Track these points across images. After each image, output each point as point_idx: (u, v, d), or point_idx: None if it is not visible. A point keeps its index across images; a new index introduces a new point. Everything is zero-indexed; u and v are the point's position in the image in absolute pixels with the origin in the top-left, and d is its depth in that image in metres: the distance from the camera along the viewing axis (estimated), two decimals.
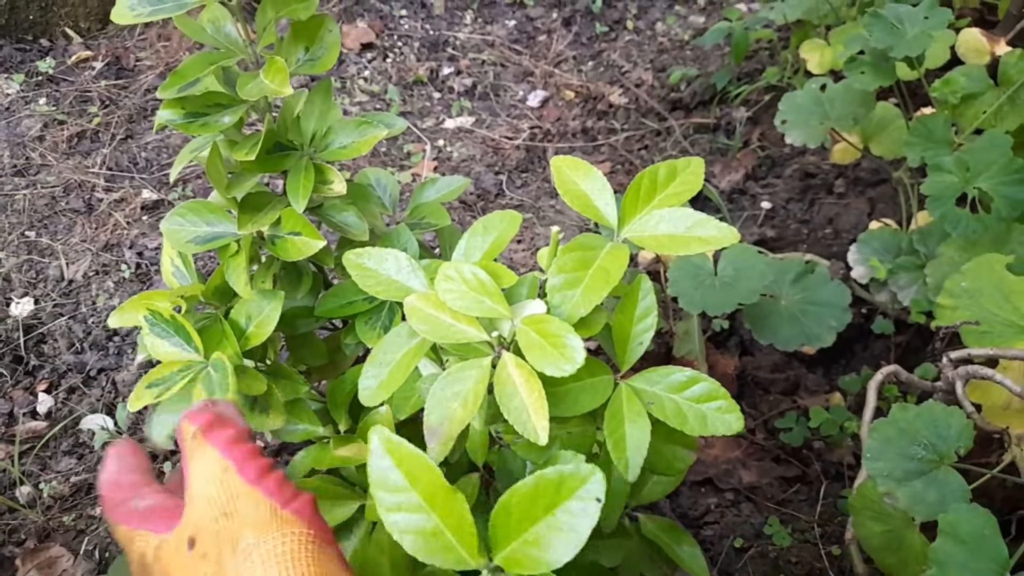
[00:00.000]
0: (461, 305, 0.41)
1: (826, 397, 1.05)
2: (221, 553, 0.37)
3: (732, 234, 0.42)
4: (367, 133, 0.52)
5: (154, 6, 0.45)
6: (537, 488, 0.35)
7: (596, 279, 0.42)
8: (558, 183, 0.46)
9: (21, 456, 1.01)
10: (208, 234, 0.53)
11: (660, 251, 0.42)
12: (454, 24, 1.78)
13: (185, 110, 0.48)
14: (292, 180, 0.51)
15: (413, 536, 0.35)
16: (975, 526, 0.57)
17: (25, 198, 1.34)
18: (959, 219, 0.93)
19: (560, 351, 0.39)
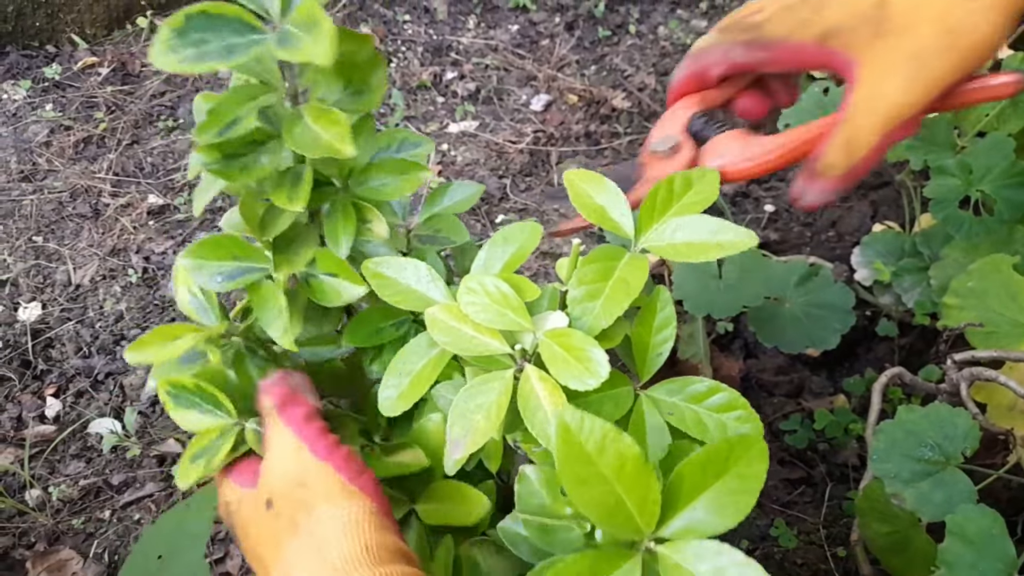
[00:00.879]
0: (484, 318, 0.41)
1: (830, 399, 1.06)
2: (295, 515, 0.42)
3: (750, 238, 0.42)
4: (409, 173, 0.49)
5: (198, 49, 0.39)
6: (708, 457, 0.36)
7: (617, 290, 0.42)
8: (573, 197, 0.47)
9: (30, 460, 1.02)
10: (235, 270, 0.50)
11: (679, 259, 0.42)
12: (457, 29, 1.79)
13: (221, 153, 0.44)
14: (331, 223, 0.48)
15: (596, 507, 0.36)
16: (983, 526, 0.57)
17: (32, 203, 1.35)
18: (962, 222, 0.94)
19: (584, 365, 0.39)
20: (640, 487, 0.36)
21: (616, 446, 0.36)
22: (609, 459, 0.36)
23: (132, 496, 0.99)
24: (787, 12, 0.49)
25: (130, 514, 0.98)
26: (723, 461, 0.36)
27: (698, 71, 0.53)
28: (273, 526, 0.43)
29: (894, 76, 0.44)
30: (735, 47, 0.51)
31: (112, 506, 0.98)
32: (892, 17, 0.45)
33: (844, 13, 0.47)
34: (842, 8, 0.47)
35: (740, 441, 0.36)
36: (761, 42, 0.50)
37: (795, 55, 0.49)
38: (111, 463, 1.03)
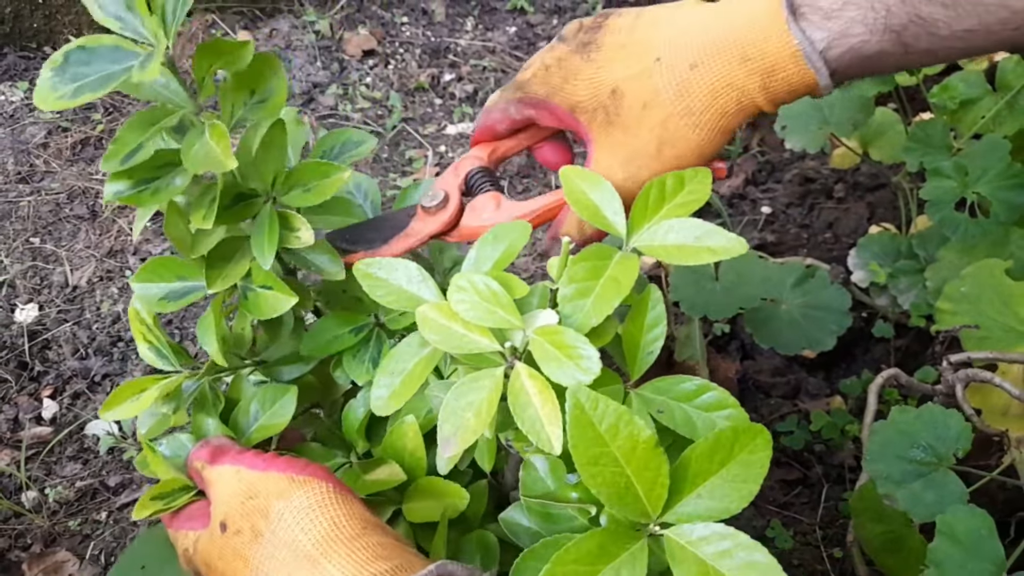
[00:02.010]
0: (473, 315, 0.41)
1: (827, 401, 1.06)
2: (255, 524, 0.42)
3: (740, 244, 0.42)
4: (331, 175, 0.49)
5: (76, 83, 0.39)
6: (715, 443, 0.37)
7: (607, 289, 0.42)
8: (567, 193, 0.47)
9: (27, 461, 1.02)
10: (181, 289, 0.51)
11: (669, 261, 0.43)
12: (455, 31, 1.79)
13: (133, 179, 0.44)
14: (257, 235, 0.48)
15: (606, 488, 0.36)
16: (972, 527, 0.57)
17: (29, 205, 1.35)
18: (958, 223, 0.94)
19: (575, 362, 0.39)
20: (650, 470, 0.36)
21: (629, 428, 0.37)
22: (621, 441, 0.36)
23: (129, 498, 0.99)
24: (544, 73, 0.53)
25: (127, 516, 0.98)
26: (728, 449, 0.37)
27: (487, 126, 0.58)
28: (235, 544, 0.42)
29: (616, 172, 0.51)
30: (511, 104, 0.55)
31: (109, 508, 0.98)
32: (622, 113, 0.50)
33: (586, 93, 0.51)
34: (586, 87, 0.51)
35: (746, 430, 0.37)
36: (528, 100, 0.54)
37: (555, 116, 0.54)
38: (108, 465, 1.03)
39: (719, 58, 0.47)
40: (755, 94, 0.48)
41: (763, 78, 0.47)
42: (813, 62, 0.46)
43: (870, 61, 0.47)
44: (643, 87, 0.49)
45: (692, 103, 0.48)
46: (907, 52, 0.46)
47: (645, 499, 0.36)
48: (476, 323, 0.41)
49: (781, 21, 0.45)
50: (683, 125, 0.49)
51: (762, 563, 0.34)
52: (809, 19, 0.46)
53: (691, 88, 0.48)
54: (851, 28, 0.45)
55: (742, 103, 0.48)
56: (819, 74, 0.46)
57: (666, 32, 0.50)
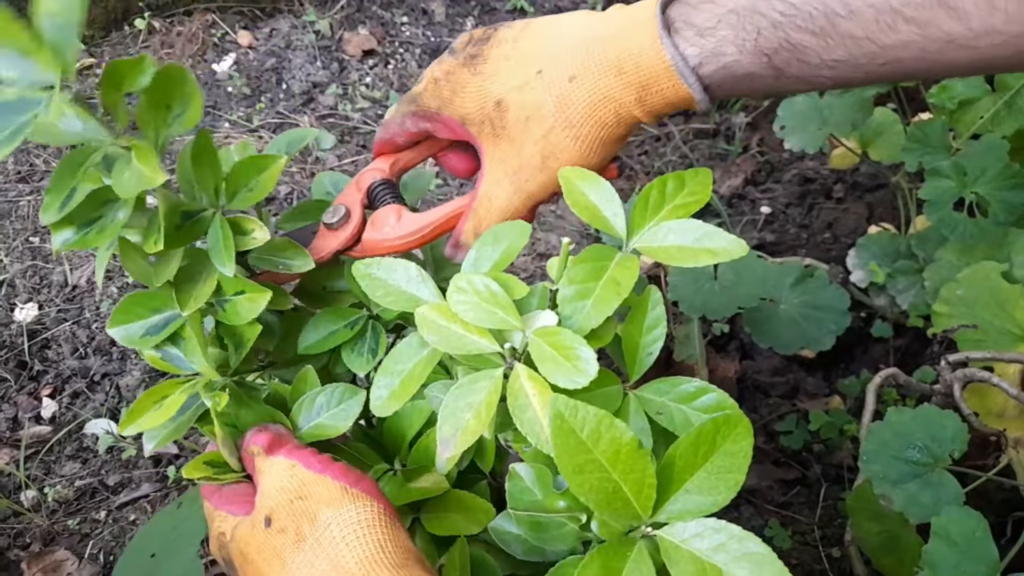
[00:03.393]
0: (473, 316, 0.41)
1: (826, 400, 1.06)
2: (299, 526, 0.40)
3: (740, 246, 0.42)
4: (268, 167, 0.48)
5: None
6: (698, 438, 0.37)
7: (607, 290, 0.42)
8: (567, 194, 0.47)
9: (26, 460, 1.02)
10: (160, 321, 0.50)
11: (669, 262, 0.43)
12: (455, 31, 1.79)
13: (75, 223, 0.43)
14: (212, 246, 0.47)
15: (594, 494, 0.36)
16: (967, 528, 0.58)
17: (29, 204, 1.35)
18: (956, 223, 0.94)
19: (573, 363, 0.39)
20: (636, 472, 0.36)
21: (610, 433, 0.37)
22: (604, 446, 0.36)
23: (128, 497, 0.99)
24: (434, 87, 0.54)
25: (126, 515, 0.98)
26: (711, 441, 0.37)
27: (386, 139, 0.59)
28: (276, 543, 0.41)
29: (504, 185, 0.52)
30: (406, 117, 0.56)
31: (108, 507, 0.98)
32: (507, 126, 0.51)
33: (473, 105, 0.52)
34: (473, 99, 0.52)
35: (725, 420, 0.37)
36: (421, 113, 0.55)
37: (448, 128, 0.54)
38: (107, 464, 1.03)
39: (596, 71, 0.48)
40: (632, 107, 0.49)
41: (639, 91, 0.48)
42: (686, 78, 0.46)
43: (742, 81, 0.47)
44: (525, 100, 0.50)
45: (571, 116, 0.49)
46: (779, 76, 0.47)
47: (634, 502, 0.36)
48: (475, 324, 0.41)
49: (655, 36, 0.46)
50: (564, 137, 0.50)
51: (757, 552, 0.34)
52: (683, 35, 0.47)
53: (570, 101, 0.49)
54: (723, 47, 0.46)
55: (620, 115, 0.49)
56: (693, 89, 0.47)
57: (548, 44, 0.50)
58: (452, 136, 0.55)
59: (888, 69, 0.44)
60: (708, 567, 0.34)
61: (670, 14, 0.48)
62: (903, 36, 0.42)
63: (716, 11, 0.46)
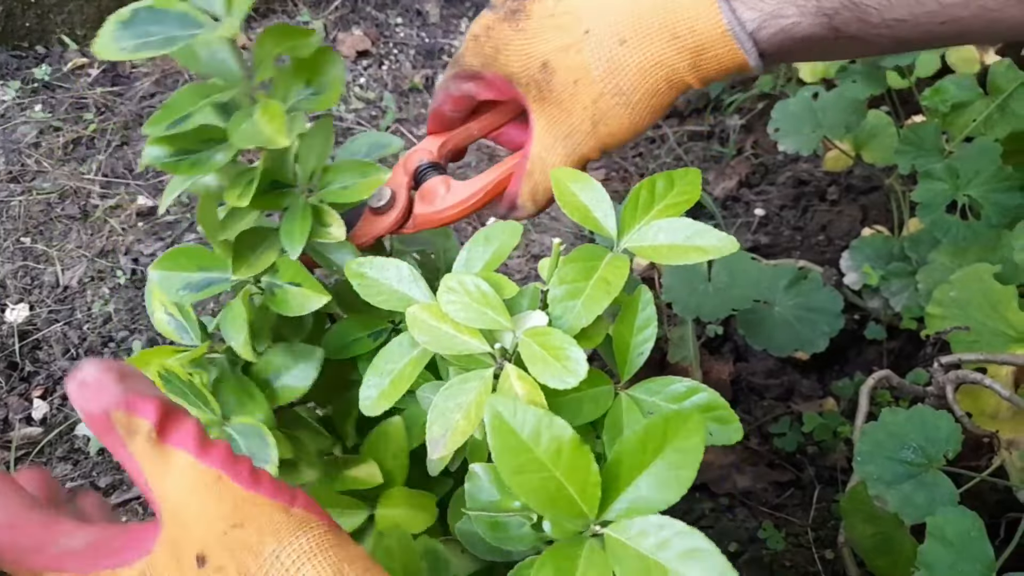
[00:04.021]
0: (464, 316, 0.41)
1: (820, 402, 1.06)
2: (242, 563, 0.34)
3: (731, 243, 0.42)
4: (369, 175, 0.49)
5: (140, 39, 0.39)
6: (646, 435, 0.36)
7: (597, 290, 0.42)
8: (557, 194, 0.47)
9: (16, 462, 1.01)
10: (201, 280, 0.49)
11: (660, 261, 0.43)
12: (449, 32, 1.79)
13: (174, 147, 0.43)
14: (287, 224, 0.47)
15: (536, 494, 0.36)
16: (962, 528, 0.58)
17: (21, 204, 1.34)
18: (949, 226, 0.94)
19: (563, 364, 0.39)
20: (579, 470, 0.36)
21: (550, 431, 0.36)
22: (544, 444, 0.36)
23: (119, 499, 0.98)
24: (475, 44, 0.52)
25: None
26: (660, 438, 0.36)
27: (435, 110, 0.56)
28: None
29: (556, 149, 0.51)
30: (449, 81, 0.54)
31: None
32: (554, 89, 0.49)
33: (518, 65, 0.50)
34: (517, 58, 0.50)
35: (675, 416, 0.36)
36: (464, 73, 0.53)
37: (492, 87, 0.52)
38: (98, 465, 1.02)
39: (648, 35, 0.47)
40: (684, 72, 0.47)
41: (693, 57, 0.46)
42: (743, 43, 0.45)
43: (800, 44, 0.46)
44: (573, 62, 0.48)
45: (621, 82, 0.48)
46: (837, 37, 0.46)
47: (579, 500, 0.36)
48: (466, 324, 0.41)
49: (713, 7, 0.45)
50: (615, 104, 0.48)
51: (702, 548, 0.33)
52: (738, 3, 0.46)
53: (621, 66, 0.47)
54: (783, 9, 0.45)
55: (672, 81, 0.48)
56: (749, 55, 0.46)
57: (595, 2, 0.48)
58: (497, 96, 0.53)
59: (947, 28, 0.43)
60: (652, 565, 0.33)
61: None
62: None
63: None
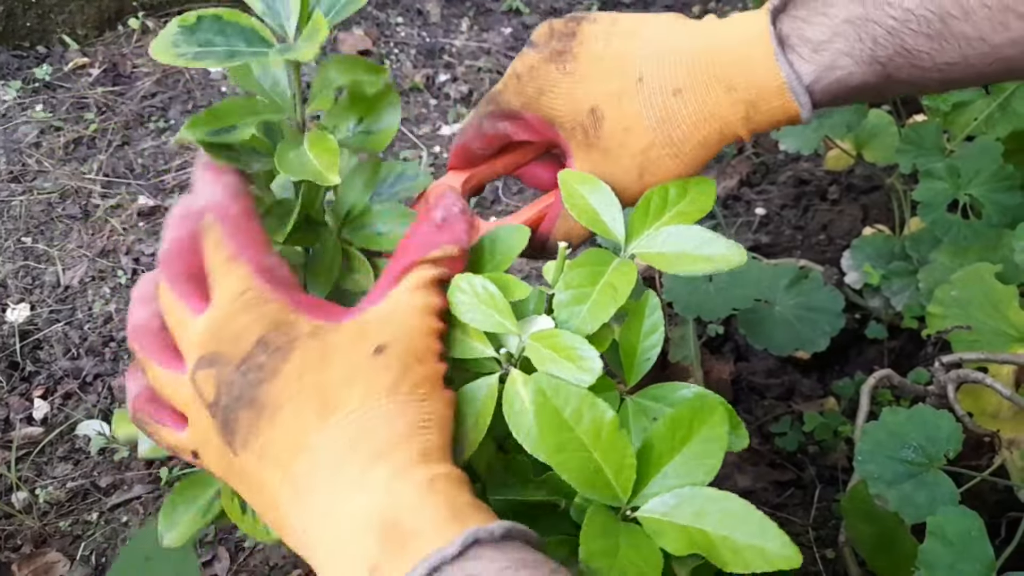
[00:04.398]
0: (472, 317, 0.41)
1: (820, 402, 1.06)
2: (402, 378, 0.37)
3: (739, 254, 0.42)
4: (407, 223, 0.46)
5: (202, 48, 0.38)
6: (674, 423, 0.38)
7: (604, 296, 0.42)
8: (565, 197, 0.46)
9: (17, 462, 1.01)
10: None
11: (667, 269, 0.42)
12: (450, 31, 1.79)
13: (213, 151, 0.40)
14: (315, 264, 0.45)
15: (576, 473, 0.37)
16: (962, 527, 0.58)
17: (21, 204, 1.34)
18: (950, 225, 0.94)
19: (576, 363, 0.39)
20: (616, 453, 0.37)
21: (592, 412, 0.37)
22: (586, 425, 0.37)
23: (120, 498, 0.99)
24: (517, 83, 0.50)
25: (118, 516, 0.97)
26: (687, 427, 0.38)
27: (462, 145, 0.55)
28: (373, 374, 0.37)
29: None
30: (483, 118, 0.53)
31: (99, 508, 0.98)
32: (602, 135, 0.48)
33: (564, 108, 0.49)
34: (563, 102, 0.49)
35: (702, 406, 0.38)
36: (501, 112, 0.51)
37: (531, 129, 0.51)
38: (99, 465, 1.02)
39: (704, 86, 0.46)
40: (737, 125, 0.47)
41: (747, 109, 0.46)
42: (798, 96, 0.45)
43: (852, 91, 0.47)
44: (624, 109, 0.47)
45: (674, 133, 0.47)
46: (889, 82, 0.46)
47: (615, 483, 0.37)
48: (473, 325, 0.41)
49: (770, 53, 0.45)
50: (664, 155, 0.48)
51: (736, 510, 0.35)
52: (798, 52, 0.45)
53: (674, 117, 0.47)
54: (838, 60, 0.45)
55: (724, 132, 0.48)
56: (803, 107, 0.46)
57: (646, 48, 0.48)
58: (535, 137, 0.52)
59: (996, 67, 0.44)
60: (695, 533, 0.35)
61: (782, 28, 0.46)
62: (1014, 34, 0.42)
63: (830, 23, 0.45)
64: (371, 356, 0.37)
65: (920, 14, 0.43)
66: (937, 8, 0.43)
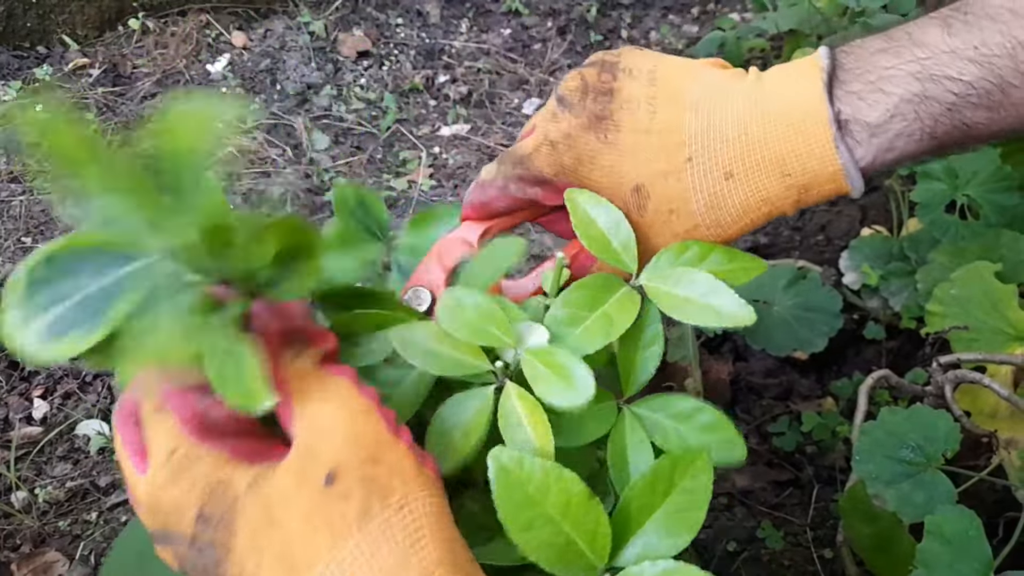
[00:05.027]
0: (464, 334, 0.40)
1: (818, 402, 1.06)
2: (368, 499, 0.31)
3: (749, 315, 0.41)
4: None
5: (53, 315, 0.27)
6: (654, 476, 0.36)
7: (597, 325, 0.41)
8: (574, 220, 0.45)
9: (17, 461, 1.01)
10: None
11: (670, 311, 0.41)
12: (450, 33, 1.79)
13: None
14: None
15: (545, 550, 0.34)
16: (960, 527, 0.58)
17: (21, 204, 1.35)
18: (948, 226, 0.94)
19: (567, 383, 0.38)
20: (588, 523, 0.34)
21: (559, 484, 0.35)
22: (554, 499, 0.34)
23: (119, 498, 0.99)
24: (551, 150, 0.47)
25: (117, 516, 0.97)
26: (668, 479, 0.36)
27: (482, 203, 0.51)
28: (333, 511, 0.31)
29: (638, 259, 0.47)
30: (511, 181, 0.49)
31: (99, 508, 0.98)
32: (646, 215, 0.46)
33: (606, 183, 0.46)
34: (605, 176, 0.46)
35: (683, 456, 0.36)
36: (532, 178, 0.48)
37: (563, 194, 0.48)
38: (98, 465, 1.02)
39: (756, 171, 0.44)
40: (786, 207, 0.46)
41: (799, 193, 0.45)
42: (853, 179, 0.44)
43: (901, 163, 0.46)
44: (671, 191, 0.45)
45: (722, 217, 0.46)
46: (940, 151, 0.45)
47: (589, 552, 0.34)
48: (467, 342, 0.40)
49: (828, 138, 0.43)
50: (709, 235, 0.46)
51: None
52: (855, 136, 0.44)
53: (723, 201, 0.45)
54: (895, 142, 0.44)
55: (771, 214, 0.46)
56: (855, 188, 0.45)
57: (695, 123, 0.45)
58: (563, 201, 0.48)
59: None
60: None
61: (839, 108, 0.44)
62: None
63: (887, 102, 0.43)
64: (324, 490, 0.31)
65: (980, 87, 0.42)
66: (997, 79, 0.41)
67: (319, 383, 0.34)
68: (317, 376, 0.34)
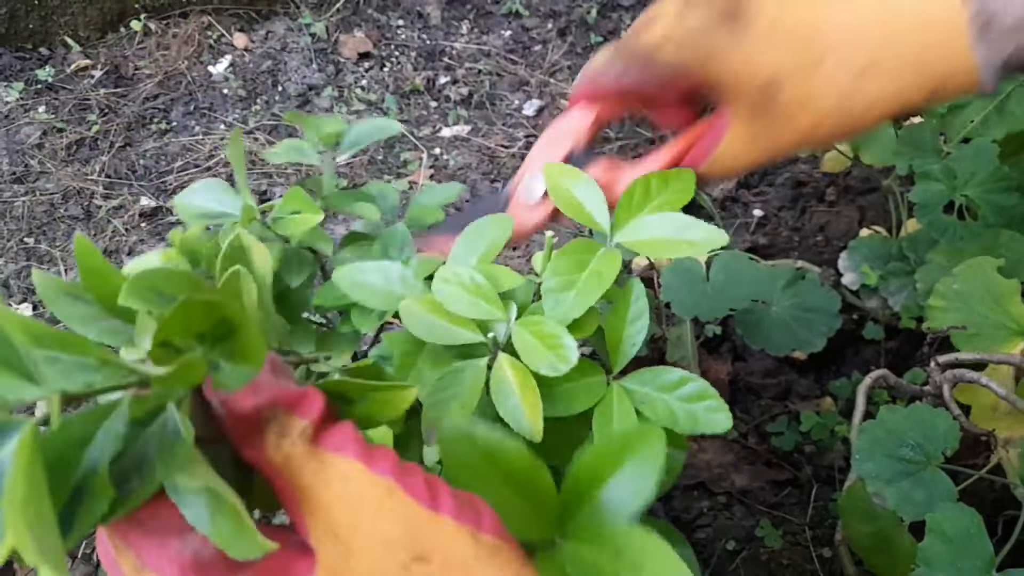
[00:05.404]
0: (457, 307, 0.42)
1: (817, 402, 1.06)
2: None
3: (720, 236, 0.43)
4: None
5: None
6: (604, 449, 0.35)
7: (590, 282, 0.43)
8: (551, 190, 0.47)
9: None
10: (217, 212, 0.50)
11: (651, 254, 0.43)
12: (450, 34, 1.80)
13: None
14: None
15: None
16: (962, 525, 0.58)
17: (24, 205, 1.35)
18: (947, 226, 0.95)
19: (555, 352, 0.40)
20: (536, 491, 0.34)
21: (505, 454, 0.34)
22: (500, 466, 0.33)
23: None
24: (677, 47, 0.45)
25: None
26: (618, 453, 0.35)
27: (593, 90, 0.50)
28: None
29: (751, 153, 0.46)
30: (630, 68, 0.47)
31: None
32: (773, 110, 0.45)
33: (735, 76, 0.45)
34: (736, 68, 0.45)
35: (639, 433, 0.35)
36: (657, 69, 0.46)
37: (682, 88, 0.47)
38: None
39: (892, 68, 0.43)
40: (919, 103, 0.44)
41: (932, 92, 0.43)
42: (987, 77, 0.42)
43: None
44: (803, 86, 0.44)
45: (853, 111, 0.44)
46: None
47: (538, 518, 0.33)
48: (460, 315, 0.41)
49: (964, 38, 0.42)
50: (829, 134, 0.45)
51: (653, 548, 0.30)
52: (991, 35, 0.42)
53: (855, 99, 0.44)
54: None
55: (903, 109, 0.45)
56: (989, 85, 0.43)
57: (830, 20, 0.44)
58: (682, 95, 0.48)
59: None
60: None
61: (972, 7, 0.42)
62: None
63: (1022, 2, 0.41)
64: None
65: None
66: None
67: (320, 472, 0.27)
68: (315, 462, 0.27)
